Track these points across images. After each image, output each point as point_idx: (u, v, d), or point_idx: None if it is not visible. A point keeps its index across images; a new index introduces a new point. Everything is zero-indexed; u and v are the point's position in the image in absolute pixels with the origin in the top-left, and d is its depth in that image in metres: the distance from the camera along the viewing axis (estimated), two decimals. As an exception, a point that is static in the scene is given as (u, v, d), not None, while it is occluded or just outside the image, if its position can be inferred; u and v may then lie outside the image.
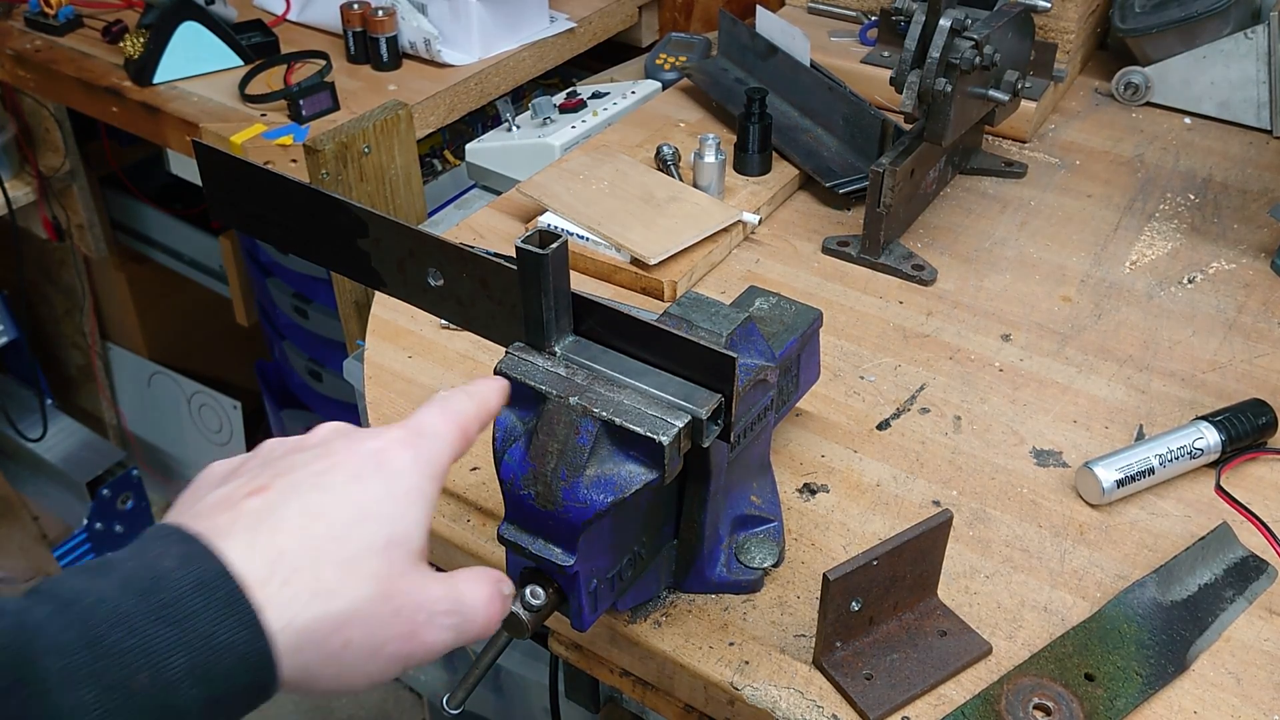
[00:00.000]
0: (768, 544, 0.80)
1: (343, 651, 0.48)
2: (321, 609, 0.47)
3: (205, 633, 0.44)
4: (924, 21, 1.09)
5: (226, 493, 0.50)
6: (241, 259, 2.03)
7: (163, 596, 0.44)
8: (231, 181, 0.77)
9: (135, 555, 0.46)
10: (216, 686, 0.44)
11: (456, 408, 0.57)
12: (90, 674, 0.42)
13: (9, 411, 2.37)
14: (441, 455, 0.55)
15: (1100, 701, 0.72)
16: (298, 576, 0.47)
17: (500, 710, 1.60)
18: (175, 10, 1.55)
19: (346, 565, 0.48)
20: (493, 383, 0.61)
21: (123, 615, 0.43)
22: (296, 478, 0.50)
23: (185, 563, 0.45)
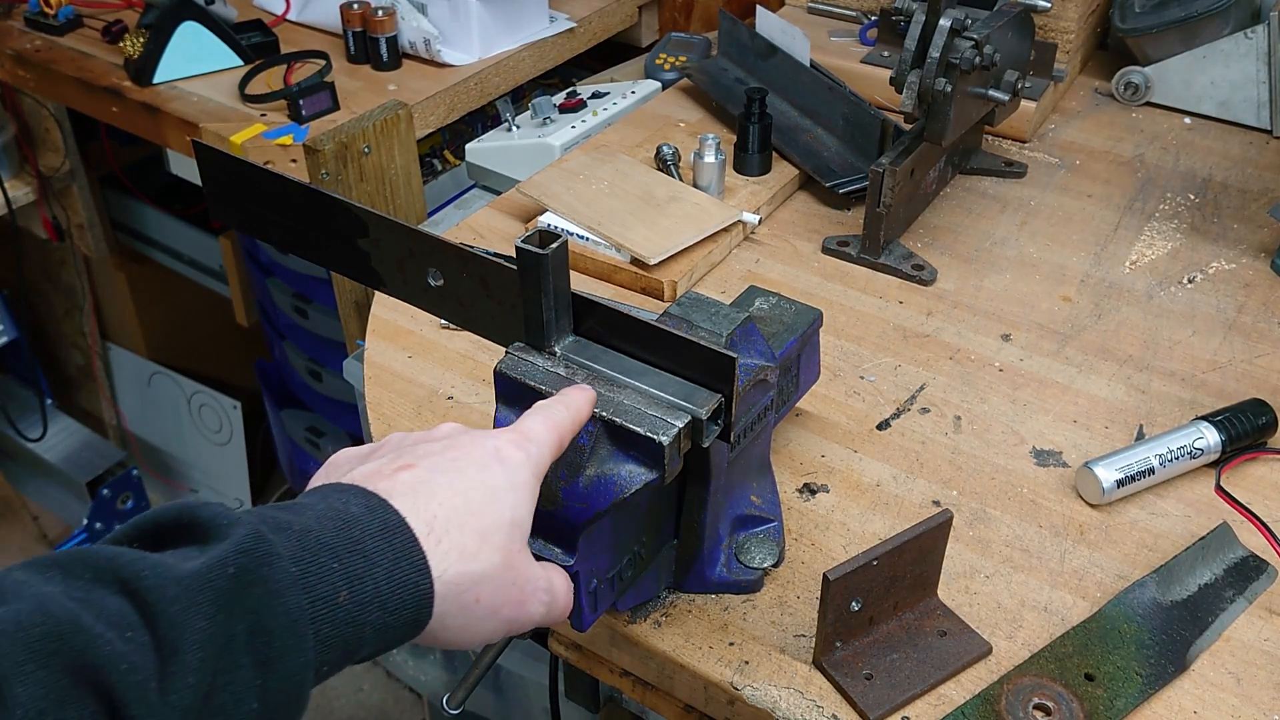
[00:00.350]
0: (768, 544, 0.80)
1: (474, 607, 0.56)
2: (464, 568, 0.55)
3: (388, 568, 0.52)
4: (924, 21, 1.09)
5: (376, 467, 0.57)
6: (241, 259, 2.03)
7: (354, 533, 0.52)
8: (231, 181, 0.77)
9: (319, 500, 0.54)
10: (390, 615, 0.52)
11: (556, 418, 0.63)
12: (305, 585, 0.49)
13: (9, 411, 2.37)
14: (544, 457, 0.61)
15: (1100, 701, 0.72)
16: (448, 538, 0.54)
17: (500, 710, 1.60)
18: (175, 10, 1.55)
19: (482, 536, 0.56)
20: (585, 394, 0.65)
21: (326, 544, 0.51)
22: (436, 461, 0.58)
23: (369, 511, 0.53)
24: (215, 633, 0.46)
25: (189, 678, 0.45)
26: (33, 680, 0.42)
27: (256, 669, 0.47)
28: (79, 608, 0.44)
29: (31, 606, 0.43)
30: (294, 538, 0.50)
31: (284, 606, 0.48)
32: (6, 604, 0.43)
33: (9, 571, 0.46)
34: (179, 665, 0.45)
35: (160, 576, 0.46)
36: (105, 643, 0.43)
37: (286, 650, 0.48)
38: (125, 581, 0.45)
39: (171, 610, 0.45)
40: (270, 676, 0.48)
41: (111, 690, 0.43)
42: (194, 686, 0.45)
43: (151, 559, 0.47)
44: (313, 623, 0.49)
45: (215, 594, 0.46)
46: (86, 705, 0.42)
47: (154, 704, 0.44)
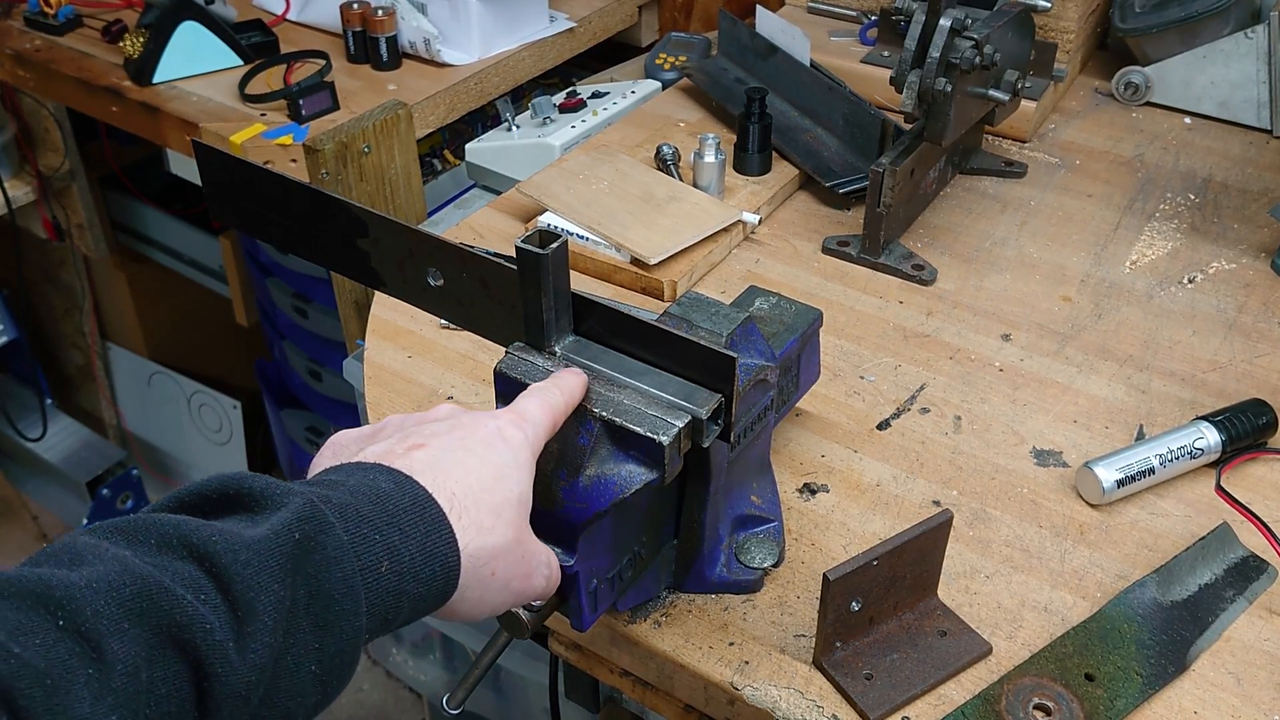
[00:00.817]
0: (768, 544, 0.80)
1: (490, 580, 0.58)
2: (483, 542, 0.57)
3: (421, 541, 0.54)
4: (924, 21, 1.09)
5: (388, 447, 0.59)
6: (241, 259, 2.03)
7: (388, 507, 0.54)
8: (231, 181, 0.77)
9: (347, 477, 0.55)
10: (423, 586, 0.54)
11: (551, 400, 0.64)
12: (354, 554, 0.51)
13: (9, 411, 2.37)
14: (539, 437, 0.63)
15: (1100, 701, 0.72)
16: (467, 514, 0.57)
17: (500, 710, 1.60)
18: (175, 10, 1.55)
19: (495, 512, 0.58)
20: (577, 377, 0.67)
21: (365, 517, 0.53)
22: (445, 441, 0.59)
23: (398, 486, 0.55)
24: (285, 596, 0.48)
25: (265, 638, 0.47)
26: (129, 638, 0.43)
27: (315, 632, 0.49)
28: (156, 571, 0.45)
29: (118, 568, 0.45)
30: (336, 510, 0.52)
31: (342, 572, 0.50)
32: (89, 565, 0.45)
33: (74, 536, 0.48)
34: (256, 626, 0.47)
35: (229, 542, 0.48)
36: (187, 604, 0.45)
37: (343, 615, 0.50)
38: (194, 547, 0.47)
39: (245, 574, 0.47)
40: (327, 639, 0.50)
41: (196, 649, 0.45)
42: (269, 646, 0.47)
43: (215, 526, 0.48)
44: (364, 590, 0.51)
45: (283, 559, 0.48)
46: (173, 664, 0.44)
47: (234, 663, 0.46)
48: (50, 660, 0.41)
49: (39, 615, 0.42)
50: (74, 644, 0.42)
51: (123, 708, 0.42)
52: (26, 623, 0.41)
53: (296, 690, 0.49)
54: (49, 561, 0.46)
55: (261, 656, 0.47)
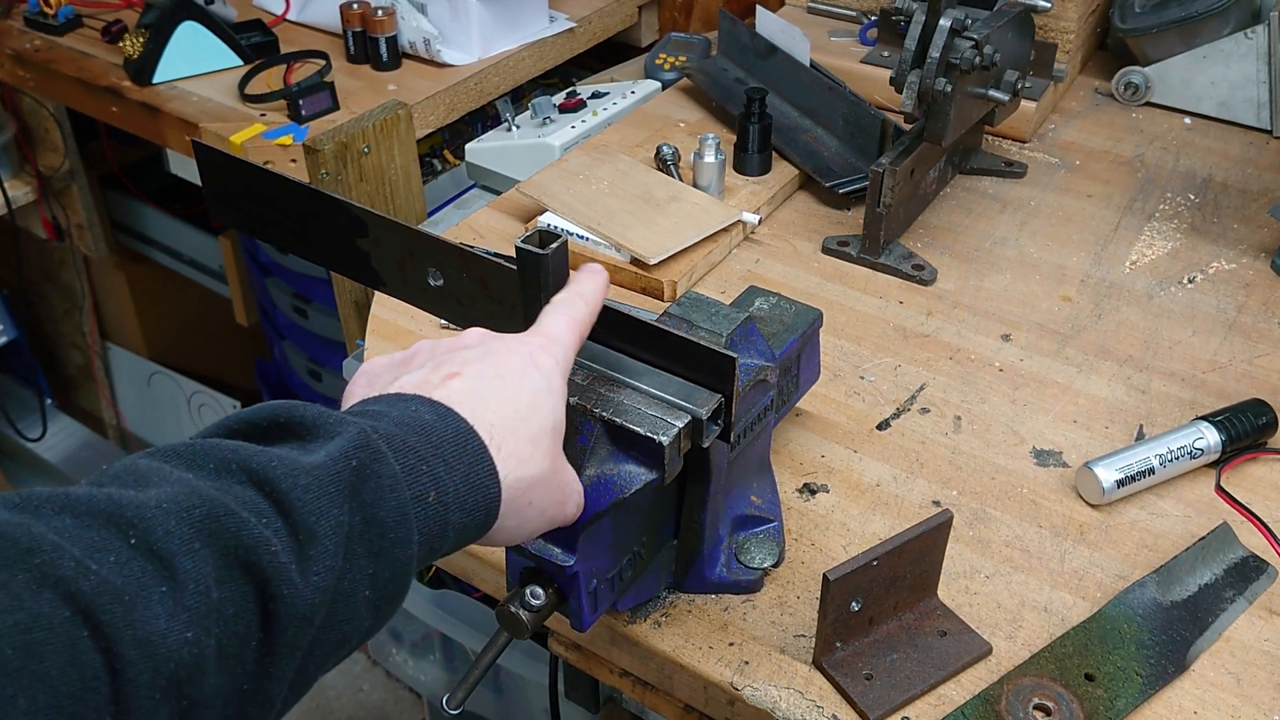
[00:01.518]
0: (768, 544, 0.80)
1: (526, 509, 0.59)
2: (521, 473, 0.57)
3: (465, 472, 0.54)
4: (924, 21, 1.09)
5: (423, 376, 0.59)
6: (241, 259, 2.03)
7: (433, 439, 0.54)
8: (231, 181, 0.77)
9: (389, 408, 0.55)
10: (467, 516, 0.54)
11: (576, 314, 0.64)
12: (404, 484, 0.52)
13: (9, 411, 2.37)
14: (569, 357, 0.63)
15: (1100, 701, 0.72)
16: (506, 445, 0.56)
17: (500, 710, 1.60)
18: (175, 10, 1.55)
19: (533, 441, 0.58)
20: (597, 278, 0.67)
21: (412, 448, 0.53)
22: (480, 369, 0.59)
23: (440, 418, 0.55)
24: (344, 521, 0.49)
25: (326, 561, 0.47)
26: (199, 558, 0.44)
27: (370, 559, 0.50)
28: (221, 494, 0.46)
29: (186, 490, 0.45)
30: (385, 440, 0.52)
31: (396, 500, 0.51)
32: (155, 486, 0.45)
33: (134, 459, 0.48)
34: (317, 550, 0.47)
35: (288, 468, 0.48)
36: (252, 526, 0.45)
37: (397, 543, 0.51)
38: (253, 472, 0.47)
39: (305, 499, 0.47)
40: (381, 566, 0.50)
41: (262, 571, 0.45)
42: (330, 570, 0.48)
43: (273, 452, 0.49)
44: (415, 519, 0.52)
45: (340, 485, 0.49)
46: (240, 584, 0.45)
47: (298, 585, 0.46)
48: (125, 577, 0.41)
49: (111, 533, 0.42)
50: (146, 562, 0.42)
51: (196, 625, 0.43)
52: (100, 540, 0.42)
53: (352, 615, 0.49)
54: (113, 482, 0.46)
55: (324, 579, 0.47)
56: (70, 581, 0.40)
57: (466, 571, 0.90)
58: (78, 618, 0.40)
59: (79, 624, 0.40)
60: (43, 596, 0.39)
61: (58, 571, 0.40)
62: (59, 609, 0.39)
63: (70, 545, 0.41)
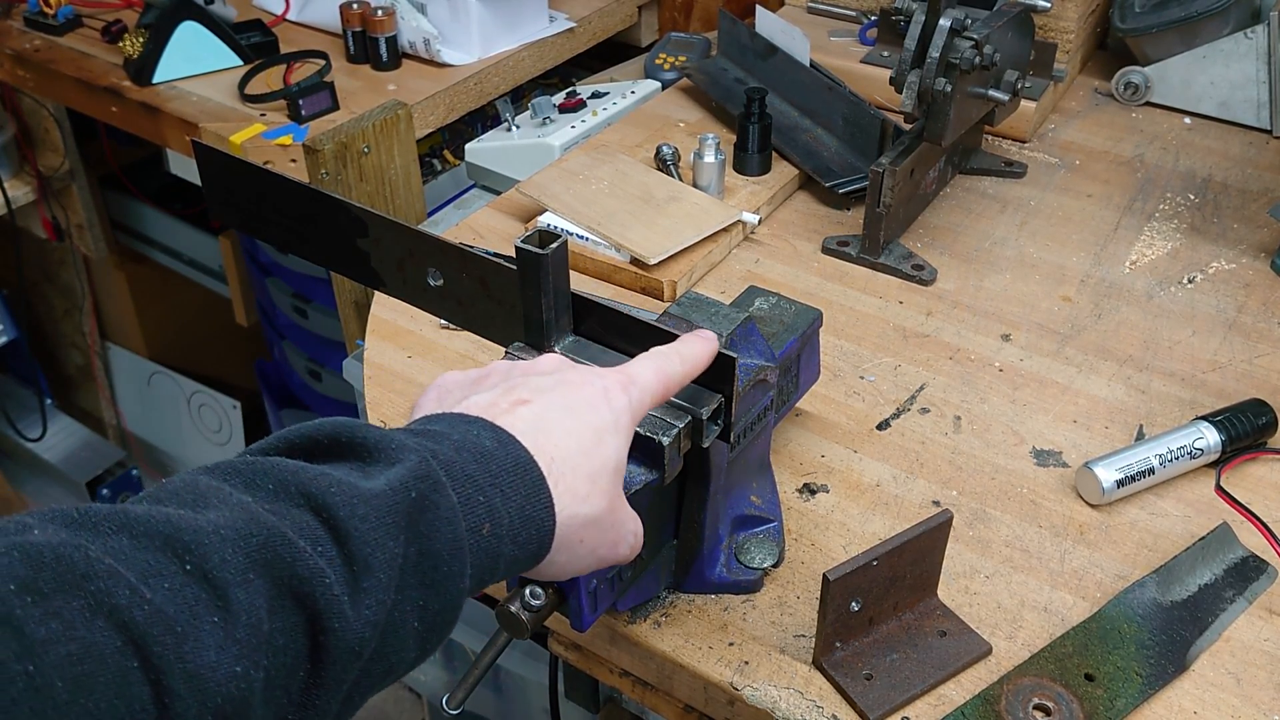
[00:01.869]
0: (768, 544, 0.80)
1: (577, 546, 0.58)
2: (576, 510, 0.56)
3: (520, 504, 0.54)
4: (924, 21, 1.09)
5: (492, 399, 0.58)
6: (241, 259, 2.03)
7: (492, 468, 0.53)
8: (231, 181, 0.77)
9: (450, 429, 0.55)
10: (519, 549, 0.54)
11: (667, 368, 0.63)
12: (461, 515, 0.51)
13: (9, 411, 2.37)
14: (645, 404, 0.62)
15: (1100, 702, 0.72)
16: (564, 480, 0.56)
17: (500, 710, 1.60)
18: (175, 10, 1.55)
19: (592, 480, 0.57)
20: (705, 345, 0.65)
21: (470, 476, 0.52)
22: (550, 399, 0.58)
23: (500, 445, 0.54)
24: (398, 553, 0.48)
25: (379, 594, 0.47)
26: (253, 588, 0.43)
27: (422, 590, 0.49)
28: (278, 520, 0.45)
29: (245, 517, 0.45)
30: (444, 466, 0.52)
31: (452, 533, 0.50)
32: (213, 509, 0.45)
33: (194, 475, 0.47)
34: (371, 582, 0.47)
35: (346, 494, 0.47)
36: (308, 557, 0.45)
37: (450, 575, 0.50)
38: (312, 497, 0.47)
39: (362, 529, 0.47)
40: (432, 598, 0.50)
41: (315, 603, 0.45)
42: (383, 603, 0.47)
43: (334, 476, 0.48)
44: (469, 551, 0.51)
45: (399, 516, 0.48)
46: (291, 615, 0.44)
47: (349, 618, 0.46)
48: (179, 606, 0.41)
49: (166, 558, 0.42)
50: (200, 589, 0.42)
51: (245, 658, 0.42)
52: (155, 565, 0.42)
53: (400, 646, 0.49)
54: (172, 500, 0.45)
55: (375, 613, 0.47)
56: (124, 610, 0.39)
57: (466, 571, 0.90)
58: (129, 648, 0.39)
59: (130, 655, 0.39)
60: (95, 625, 0.39)
61: (112, 600, 0.39)
62: (111, 638, 0.39)
63: (126, 570, 0.41)
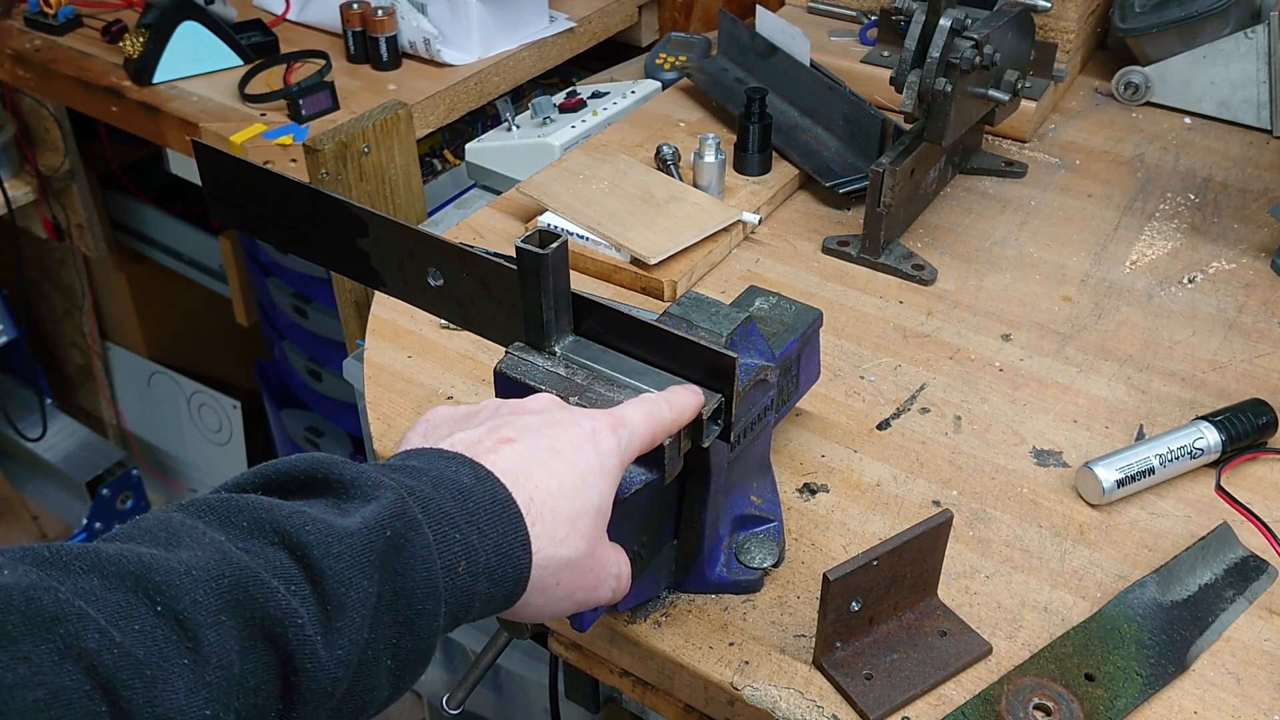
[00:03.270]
0: (768, 544, 0.80)
1: (554, 589, 0.57)
2: (553, 552, 0.56)
3: (497, 542, 0.53)
4: (924, 21, 1.09)
5: (477, 436, 0.58)
6: (241, 259, 2.03)
7: (469, 505, 0.53)
8: (231, 181, 0.77)
9: (429, 465, 0.55)
10: (495, 588, 0.54)
11: (657, 414, 0.63)
12: (436, 553, 0.51)
13: (9, 411, 2.37)
14: (633, 448, 0.61)
15: (1100, 701, 0.72)
16: (542, 521, 0.55)
17: (500, 710, 1.60)
18: (175, 10, 1.55)
19: (572, 522, 0.57)
20: (693, 398, 0.65)
21: (447, 513, 0.52)
22: (535, 440, 0.58)
23: (479, 483, 0.54)
24: (372, 592, 0.48)
25: (352, 634, 0.47)
26: (225, 630, 0.43)
27: (395, 629, 0.49)
28: (250, 559, 0.45)
29: (217, 556, 0.44)
30: (420, 504, 0.52)
31: (427, 572, 0.50)
32: (185, 548, 0.45)
33: (167, 513, 0.47)
34: (344, 622, 0.47)
35: (321, 533, 0.47)
36: (281, 597, 0.45)
37: (424, 614, 0.50)
38: (286, 535, 0.47)
39: (337, 568, 0.47)
40: (405, 637, 0.50)
41: (287, 644, 0.45)
42: (355, 643, 0.47)
43: (309, 514, 0.48)
44: (444, 590, 0.51)
45: (374, 555, 0.48)
46: (263, 656, 0.44)
47: (321, 659, 0.46)
48: (149, 649, 0.41)
49: (137, 598, 0.42)
50: (170, 631, 0.42)
51: (215, 701, 0.42)
52: (125, 606, 0.41)
53: (373, 685, 0.49)
54: (144, 538, 0.45)
55: (348, 653, 0.47)
56: (94, 654, 0.39)
57: (466, 571, 0.90)
58: (98, 692, 0.39)
59: (99, 699, 0.39)
60: (64, 669, 0.39)
61: (81, 644, 0.39)
62: (80, 683, 0.39)
63: (96, 612, 0.40)
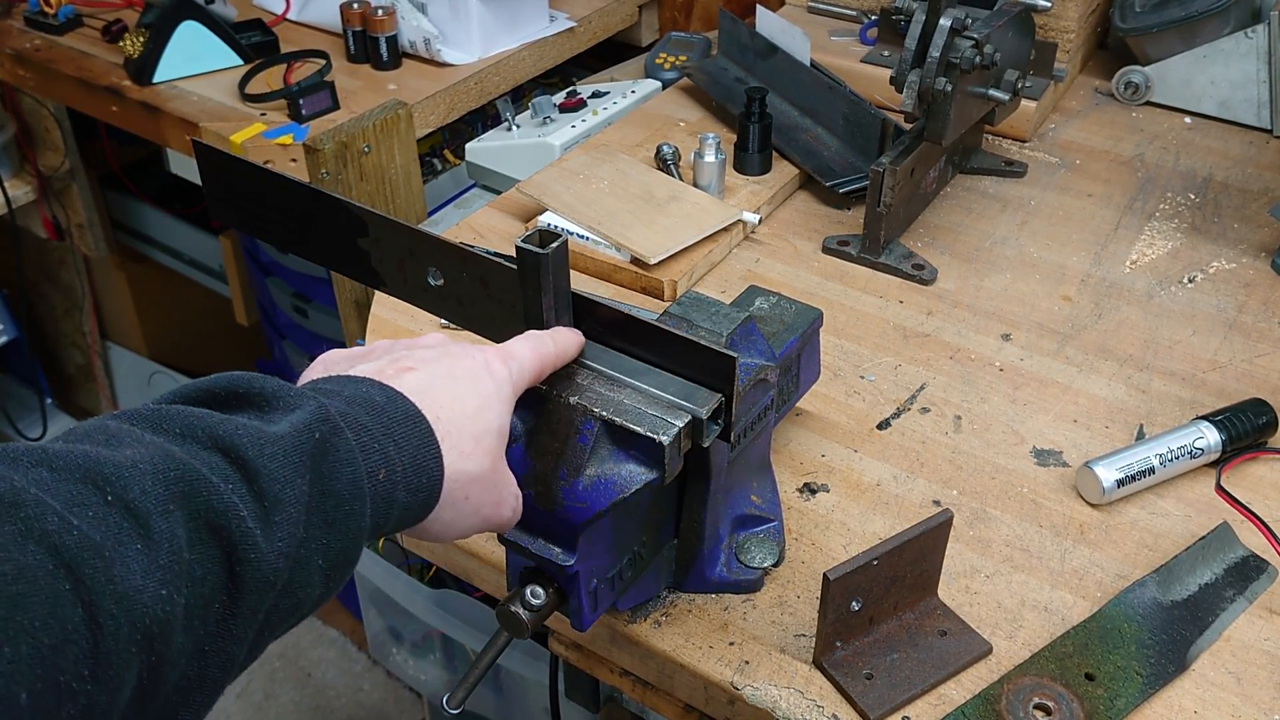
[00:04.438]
0: (768, 544, 0.80)
1: (463, 503, 0.60)
2: (462, 465, 0.59)
3: (412, 453, 0.56)
4: (924, 21, 1.09)
5: (378, 366, 0.60)
6: (241, 259, 2.03)
7: (383, 418, 0.56)
8: (231, 181, 0.77)
9: (340, 387, 0.57)
10: (411, 496, 0.56)
11: (543, 348, 0.66)
12: (360, 458, 0.53)
13: (9, 411, 2.37)
14: (523, 378, 0.64)
15: (1100, 701, 0.72)
16: (449, 438, 0.58)
17: (500, 710, 1.60)
18: (175, 9, 1.55)
19: (477, 440, 0.60)
20: (575, 336, 0.68)
21: (364, 426, 0.55)
22: (434, 368, 0.61)
23: (390, 400, 0.57)
24: (304, 491, 0.50)
25: (289, 528, 0.49)
26: (173, 519, 0.45)
27: (325, 529, 0.51)
28: (190, 459, 0.47)
29: (160, 454, 0.46)
30: (339, 416, 0.54)
31: (352, 474, 0.53)
32: (128, 447, 0.46)
33: (103, 420, 0.49)
34: (281, 516, 0.49)
35: (254, 436, 0.49)
36: (222, 491, 0.47)
37: (351, 515, 0.53)
38: (219, 439, 0.49)
39: (271, 466, 0.49)
40: (334, 537, 0.52)
41: (230, 535, 0.46)
42: (293, 537, 0.49)
43: (237, 420, 0.50)
44: (370, 495, 0.53)
45: (302, 456, 0.50)
46: (209, 548, 0.46)
47: (263, 549, 0.48)
48: (104, 532, 0.42)
49: (88, 489, 0.43)
50: (122, 519, 0.43)
51: (169, 583, 0.44)
52: (78, 495, 0.43)
53: (307, 582, 0.51)
54: (85, 440, 0.47)
55: (287, 545, 0.49)
56: (54, 535, 0.41)
57: (467, 571, 0.90)
58: (60, 571, 0.40)
59: (62, 577, 0.40)
60: (28, 549, 0.40)
61: (42, 525, 0.41)
62: (43, 561, 0.40)
63: (51, 499, 0.42)
